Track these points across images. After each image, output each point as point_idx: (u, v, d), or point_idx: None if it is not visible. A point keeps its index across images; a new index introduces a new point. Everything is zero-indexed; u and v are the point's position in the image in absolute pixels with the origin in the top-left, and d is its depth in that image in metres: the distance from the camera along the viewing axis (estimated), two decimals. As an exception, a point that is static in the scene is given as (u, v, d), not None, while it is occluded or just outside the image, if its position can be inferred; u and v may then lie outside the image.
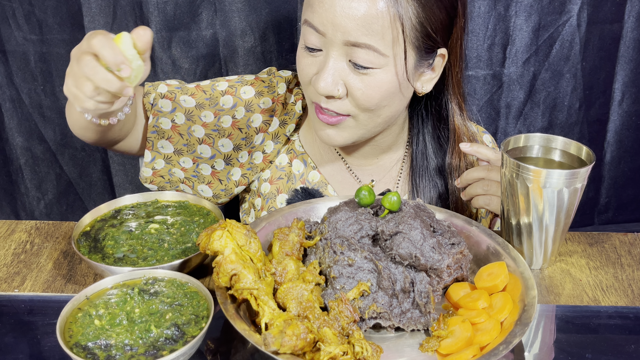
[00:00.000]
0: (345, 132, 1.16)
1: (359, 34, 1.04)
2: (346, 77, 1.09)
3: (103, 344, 0.81)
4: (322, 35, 1.07)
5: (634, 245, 1.15)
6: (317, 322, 0.83)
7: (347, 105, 1.12)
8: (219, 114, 1.24)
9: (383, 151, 1.29)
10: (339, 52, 1.07)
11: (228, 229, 0.88)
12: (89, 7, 1.59)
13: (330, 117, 1.14)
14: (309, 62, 1.11)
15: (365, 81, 1.08)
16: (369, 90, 1.08)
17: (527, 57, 1.72)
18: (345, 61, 1.08)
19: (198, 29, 1.62)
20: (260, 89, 1.26)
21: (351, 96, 1.10)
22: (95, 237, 1.03)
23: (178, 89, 1.25)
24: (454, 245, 0.95)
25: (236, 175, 1.29)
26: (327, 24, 1.05)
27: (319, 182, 1.29)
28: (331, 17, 1.04)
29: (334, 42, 1.06)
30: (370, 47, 1.05)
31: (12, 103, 1.75)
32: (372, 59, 1.06)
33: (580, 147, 1.05)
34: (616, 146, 1.87)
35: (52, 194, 1.87)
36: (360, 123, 1.15)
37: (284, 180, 1.29)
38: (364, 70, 1.07)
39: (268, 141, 1.28)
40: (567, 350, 0.91)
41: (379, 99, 1.10)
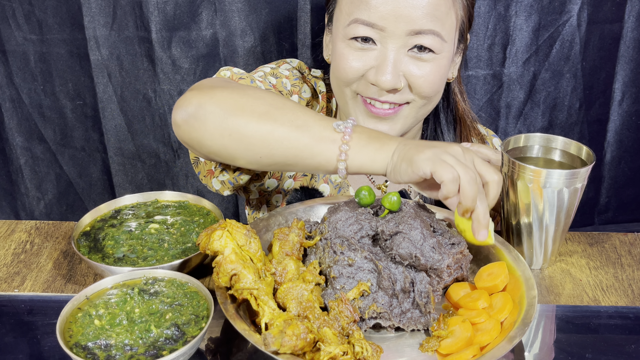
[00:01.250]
0: (399, 123, 1.15)
1: (424, 21, 1.04)
2: (406, 67, 1.08)
3: (103, 344, 0.81)
4: (380, 30, 1.06)
5: (634, 245, 1.15)
6: (317, 322, 0.83)
7: (407, 94, 1.11)
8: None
9: None
10: (398, 43, 1.06)
11: (228, 229, 0.88)
12: (89, 7, 1.59)
13: (387, 110, 1.12)
14: (359, 56, 1.09)
15: (426, 68, 1.08)
16: (430, 76, 1.09)
17: (527, 57, 1.72)
18: (404, 52, 1.07)
19: (198, 29, 1.62)
20: (312, 91, 1.26)
21: (412, 85, 1.10)
22: (95, 237, 1.03)
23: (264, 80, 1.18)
24: (454, 245, 0.95)
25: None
26: (388, 17, 1.04)
27: (342, 182, 1.28)
28: (392, 9, 1.04)
29: (395, 34, 1.05)
30: (435, 33, 1.05)
31: (12, 103, 1.75)
32: (436, 44, 1.06)
33: (580, 147, 1.05)
34: (616, 146, 1.87)
35: (52, 194, 1.87)
36: (413, 110, 1.14)
37: (308, 177, 1.28)
38: (426, 56, 1.07)
39: None
40: (567, 350, 0.91)
41: (439, 85, 1.12)
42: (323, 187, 1.28)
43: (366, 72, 1.10)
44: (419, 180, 0.87)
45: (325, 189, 1.28)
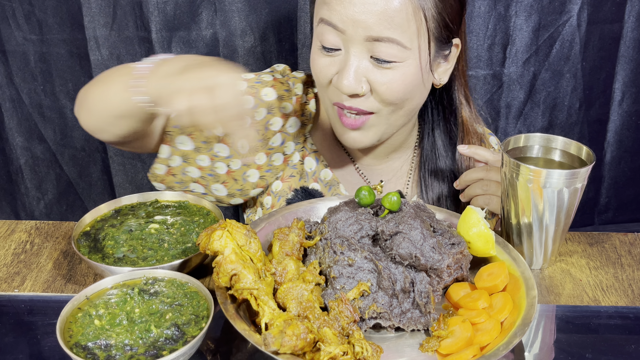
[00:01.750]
0: (370, 131, 1.15)
1: (381, 28, 1.03)
2: (368, 74, 1.07)
3: (103, 344, 0.81)
4: (342, 33, 1.05)
5: (634, 245, 1.15)
6: (317, 322, 0.83)
7: (371, 102, 1.11)
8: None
9: (393, 150, 1.29)
10: (359, 48, 1.06)
11: (228, 229, 0.88)
12: (89, 7, 1.59)
13: (355, 122, 1.13)
14: (328, 63, 1.10)
15: (389, 75, 1.07)
16: (393, 84, 1.08)
17: (527, 57, 1.72)
18: (367, 57, 1.07)
19: (198, 29, 1.62)
20: (281, 93, 1.24)
21: (375, 92, 1.09)
22: (95, 237, 1.03)
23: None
24: (454, 245, 0.95)
25: (253, 177, 1.26)
26: (347, 21, 1.04)
27: (331, 180, 1.28)
28: (351, 13, 1.03)
29: (355, 39, 1.05)
30: (393, 41, 1.04)
31: (12, 103, 1.75)
32: (395, 52, 1.05)
33: (580, 147, 1.05)
34: (616, 146, 1.87)
35: (52, 194, 1.87)
36: (383, 119, 1.14)
37: (296, 178, 1.28)
38: (387, 64, 1.06)
39: (289, 142, 1.26)
40: (567, 350, 0.91)
41: (404, 93, 1.10)
42: (313, 185, 1.28)
43: (333, 76, 1.11)
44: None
45: (316, 187, 1.28)
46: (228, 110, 0.87)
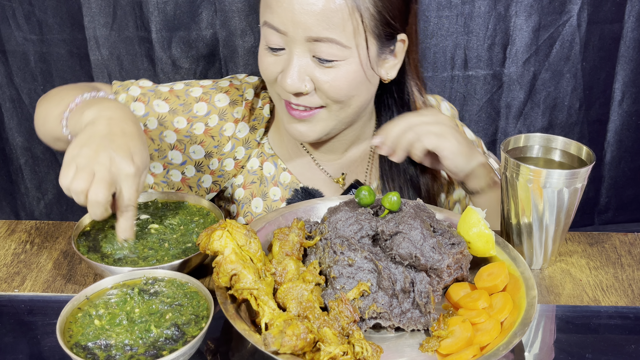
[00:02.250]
0: (318, 125, 1.17)
1: (319, 28, 1.05)
2: (312, 72, 1.10)
3: (103, 344, 0.81)
4: (284, 34, 1.08)
5: (634, 245, 1.15)
6: (317, 322, 0.83)
7: (317, 98, 1.13)
8: (192, 121, 1.24)
9: (351, 144, 1.29)
10: (301, 48, 1.08)
11: (228, 229, 0.88)
12: (89, 7, 1.59)
13: (303, 112, 1.14)
14: (273, 62, 1.12)
15: (332, 74, 1.09)
16: (336, 82, 1.10)
17: (527, 57, 1.72)
18: (309, 57, 1.09)
19: (198, 29, 1.62)
20: (235, 98, 1.27)
21: (319, 90, 1.11)
22: (95, 237, 1.03)
23: (151, 92, 1.24)
24: (454, 245, 0.95)
25: (207, 183, 1.29)
26: (287, 23, 1.06)
27: (291, 182, 1.30)
28: (290, 15, 1.05)
29: (296, 40, 1.07)
30: (332, 41, 1.06)
31: (12, 103, 1.75)
32: (335, 51, 1.07)
33: (580, 147, 1.05)
34: (616, 146, 1.87)
35: (52, 194, 1.87)
36: (332, 114, 1.15)
37: (257, 184, 1.30)
38: (329, 63, 1.08)
39: (239, 147, 1.28)
40: (567, 350, 0.91)
41: (347, 90, 1.11)
42: (273, 190, 1.30)
43: (278, 75, 1.13)
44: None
45: (277, 192, 1.30)
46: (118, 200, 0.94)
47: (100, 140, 0.93)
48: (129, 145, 0.95)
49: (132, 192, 0.94)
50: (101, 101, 1.05)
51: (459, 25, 1.68)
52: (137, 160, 0.94)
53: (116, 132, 0.96)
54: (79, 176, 0.90)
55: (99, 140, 0.93)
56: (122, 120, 0.99)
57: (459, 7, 1.66)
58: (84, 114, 1.00)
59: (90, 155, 0.91)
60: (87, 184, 0.90)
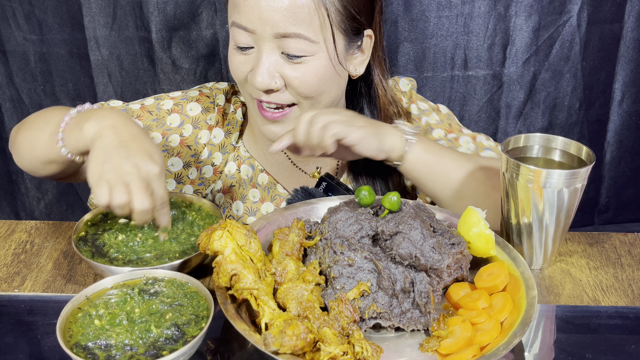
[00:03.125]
0: (291, 125, 1.16)
1: (287, 24, 1.06)
2: (281, 69, 1.11)
3: (103, 344, 0.81)
4: (252, 33, 1.09)
5: (634, 245, 1.15)
6: (317, 322, 0.83)
7: (288, 95, 1.14)
8: (166, 134, 1.25)
9: None
10: (270, 45, 1.09)
11: (228, 229, 0.88)
12: (89, 7, 1.59)
13: (274, 113, 1.15)
14: (242, 61, 1.13)
15: (301, 70, 1.10)
16: (306, 77, 1.11)
17: (527, 57, 1.72)
18: (278, 53, 1.10)
19: (198, 29, 1.62)
20: (206, 105, 1.28)
21: (290, 86, 1.12)
22: (95, 237, 1.03)
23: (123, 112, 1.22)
24: (454, 245, 0.95)
25: (188, 192, 1.29)
26: (255, 21, 1.07)
27: (269, 183, 1.31)
28: (257, 13, 1.06)
29: (264, 37, 1.08)
30: (300, 36, 1.07)
31: (12, 103, 1.75)
32: (304, 47, 1.08)
33: (580, 147, 1.05)
34: (616, 146, 1.87)
35: (52, 194, 1.87)
36: (303, 111, 1.15)
37: (236, 187, 1.31)
38: (298, 59, 1.09)
39: (216, 153, 1.29)
40: (567, 350, 0.91)
41: (317, 85, 1.12)
42: (252, 192, 1.31)
43: (248, 73, 1.14)
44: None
45: (255, 193, 1.31)
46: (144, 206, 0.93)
47: (116, 151, 0.94)
48: (144, 146, 0.96)
49: (163, 189, 0.96)
50: (95, 112, 1.03)
51: (459, 25, 1.68)
52: (156, 158, 0.96)
53: (126, 138, 0.96)
54: (116, 191, 0.91)
55: (116, 151, 0.94)
56: (124, 124, 0.99)
57: (459, 7, 1.66)
58: (84, 129, 0.99)
59: (115, 169, 0.92)
60: (126, 196, 0.91)
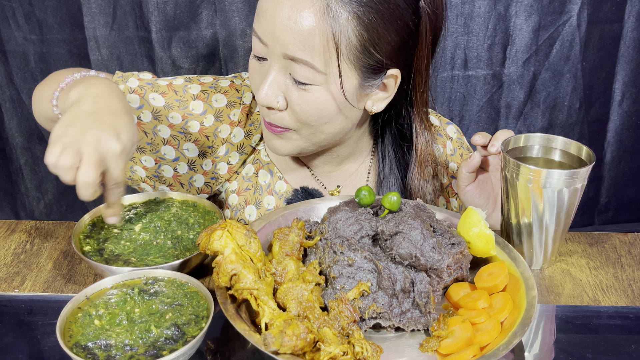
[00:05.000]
0: (290, 143, 1.14)
1: (295, 48, 1.01)
2: (286, 90, 1.07)
3: (103, 344, 0.81)
4: (265, 45, 1.05)
5: (634, 245, 1.15)
6: (317, 322, 0.83)
7: (287, 118, 1.09)
8: (187, 118, 1.21)
9: (345, 159, 1.27)
10: (280, 64, 1.05)
11: (228, 229, 0.88)
12: (89, 7, 1.59)
13: (275, 128, 1.12)
14: (257, 69, 1.10)
15: (304, 97, 1.06)
16: (306, 106, 1.06)
17: (527, 57, 1.72)
18: (286, 74, 1.06)
19: (198, 29, 1.62)
20: (233, 99, 1.23)
21: (291, 110, 1.08)
22: (95, 237, 1.03)
23: (149, 85, 1.21)
24: (454, 245, 0.95)
25: (199, 182, 1.26)
26: (268, 35, 1.03)
27: (286, 192, 1.27)
28: (271, 28, 1.02)
29: (274, 53, 1.04)
30: (307, 63, 1.02)
31: (12, 103, 1.75)
32: (309, 75, 1.03)
33: (580, 147, 1.05)
34: (616, 146, 1.87)
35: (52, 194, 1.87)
36: (302, 137, 1.13)
37: (251, 191, 1.27)
38: (302, 85, 1.05)
39: (233, 152, 1.25)
40: (567, 350, 0.91)
41: (317, 116, 1.08)
42: (268, 199, 1.27)
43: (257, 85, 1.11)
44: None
45: (271, 201, 1.27)
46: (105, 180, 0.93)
47: (86, 118, 0.92)
48: (115, 122, 0.93)
49: (119, 170, 0.93)
50: (88, 79, 1.03)
51: (459, 25, 1.68)
52: (124, 138, 0.92)
53: (102, 109, 0.94)
54: (65, 153, 0.89)
55: (85, 119, 0.92)
56: (107, 96, 0.97)
57: (459, 7, 1.66)
58: (71, 93, 0.99)
59: (76, 135, 0.90)
60: (74, 160, 0.89)
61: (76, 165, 0.90)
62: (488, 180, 1.16)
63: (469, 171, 1.13)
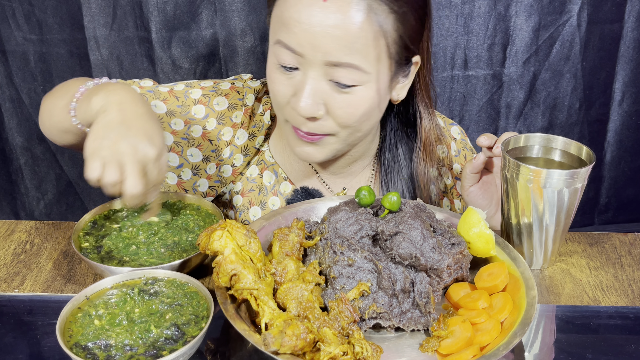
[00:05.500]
0: (326, 148, 1.13)
1: (340, 54, 1.00)
2: (326, 97, 1.05)
3: (103, 344, 0.81)
4: (299, 56, 1.02)
5: (634, 245, 1.15)
6: (317, 322, 0.83)
7: (327, 124, 1.08)
8: (189, 123, 1.21)
9: (354, 160, 1.27)
10: (318, 72, 1.03)
11: (228, 229, 0.88)
12: (88, 7, 1.59)
13: (312, 136, 1.10)
14: (284, 82, 1.07)
15: (347, 100, 1.05)
16: (350, 108, 1.06)
17: (527, 57, 1.72)
18: (325, 80, 1.04)
19: (198, 29, 1.62)
20: (234, 102, 1.22)
21: (332, 115, 1.07)
22: (95, 237, 1.03)
23: (150, 93, 1.21)
24: (454, 245, 0.95)
25: (203, 187, 1.26)
26: (305, 45, 1.01)
27: (290, 193, 1.26)
28: (310, 38, 1.00)
29: (313, 63, 1.02)
30: (352, 66, 1.01)
31: (12, 103, 1.75)
32: (355, 77, 1.03)
33: (580, 147, 1.05)
34: (616, 146, 1.87)
35: (52, 194, 1.87)
36: (340, 139, 1.12)
37: (256, 192, 1.27)
38: (346, 89, 1.04)
39: (237, 154, 1.25)
40: (567, 350, 0.91)
41: (360, 116, 1.07)
42: (273, 199, 1.27)
43: (291, 98, 1.08)
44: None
45: (275, 201, 1.27)
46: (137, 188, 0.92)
47: (117, 128, 0.92)
48: (145, 127, 0.94)
49: (157, 173, 0.94)
50: (106, 86, 1.02)
51: (459, 25, 1.68)
52: (157, 141, 0.94)
53: (130, 116, 0.94)
54: (108, 169, 0.90)
55: (116, 129, 0.92)
56: (131, 102, 0.97)
57: (459, 7, 1.66)
58: (92, 102, 0.98)
59: (112, 147, 0.90)
60: (118, 175, 0.90)
61: (120, 179, 0.90)
62: (492, 182, 1.16)
63: (473, 172, 1.13)
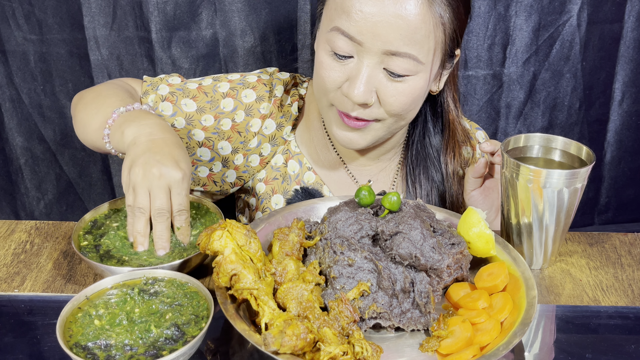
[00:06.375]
0: (369, 134, 1.15)
1: (400, 44, 1.03)
2: (379, 85, 1.07)
3: (103, 344, 0.81)
4: (358, 44, 1.05)
5: (634, 245, 1.15)
6: (317, 322, 0.83)
7: (376, 111, 1.11)
8: (219, 117, 1.24)
9: (385, 152, 1.29)
10: (374, 60, 1.05)
11: (228, 229, 0.88)
12: (88, 7, 1.59)
13: (359, 122, 1.12)
14: (337, 68, 1.09)
15: (399, 88, 1.07)
16: (401, 97, 1.08)
17: (527, 57, 1.72)
18: (380, 69, 1.06)
19: (198, 29, 1.62)
20: (262, 94, 1.25)
21: (383, 103, 1.09)
22: (95, 237, 1.03)
23: (179, 91, 1.24)
24: (454, 245, 0.95)
25: (231, 177, 1.29)
26: (365, 33, 1.03)
27: (315, 182, 1.29)
28: (371, 26, 1.02)
29: (372, 51, 1.04)
30: (410, 56, 1.04)
31: (12, 103, 1.75)
32: (410, 66, 1.05)
33: (580, 147, 1.05)
34: (616, 146, 1.87)
35: (52, 194, 1.87)
36: (385, 126, 1.14)
37: (279, 180, 1.29)
38: (399, 78, 1.06)
39: (265, 144, 1.28)
40: (567, 350, 0.91)
41: (410, 104, 1.11)
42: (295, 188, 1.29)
43: (342, 84, 1.09)
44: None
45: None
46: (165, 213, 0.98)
47: (145, 157, 0.97)
48: (172, 153, 0.98)
49: (182, 196, 0.98)
50: (137, 117, 1.06)
51: (459, 25, 1.67)
52: (183, 165, 0.98)
53: (158, 143, 0.99)
54: (138, 194, 0.95)
55: (144, 158, 0.97)
56: (161, 132, 1.02)
57: (459, 7, 1.66)
58: (125, 134, 1.03)
59: (140, 174, 0.96)
60: (148, 198, 0.96)
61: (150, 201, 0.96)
62: (494, 187, 1.17)
63: (475, 176, 1.15)
